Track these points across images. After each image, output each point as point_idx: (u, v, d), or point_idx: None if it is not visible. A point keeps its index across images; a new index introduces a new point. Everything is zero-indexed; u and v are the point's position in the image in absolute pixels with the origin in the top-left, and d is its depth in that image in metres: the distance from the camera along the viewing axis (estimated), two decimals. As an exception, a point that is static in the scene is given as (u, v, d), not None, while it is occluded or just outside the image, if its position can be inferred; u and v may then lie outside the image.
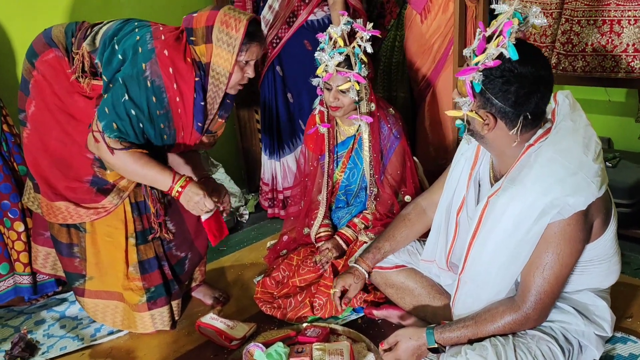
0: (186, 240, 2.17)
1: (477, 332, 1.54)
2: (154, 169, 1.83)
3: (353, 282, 1.97)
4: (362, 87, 2.19)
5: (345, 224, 2.39)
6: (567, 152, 1.43)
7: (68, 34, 1.94)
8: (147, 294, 2.05)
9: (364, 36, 2.10)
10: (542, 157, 1.44)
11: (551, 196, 1.40)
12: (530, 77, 1.41)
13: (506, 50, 1.39)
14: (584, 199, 1.40)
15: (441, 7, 2.88)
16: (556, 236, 1.44)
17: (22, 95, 1.98)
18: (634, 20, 2.12)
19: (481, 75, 1.42)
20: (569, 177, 1.40)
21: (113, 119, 1.77)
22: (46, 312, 2.26)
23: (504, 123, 1.48)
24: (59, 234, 2.05)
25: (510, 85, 1.41)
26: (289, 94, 2.96)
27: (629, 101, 2.96)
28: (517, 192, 1.46)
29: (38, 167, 2.00)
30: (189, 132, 1.89)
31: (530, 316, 1.49)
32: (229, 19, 1.77)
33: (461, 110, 1.50)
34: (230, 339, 1.96)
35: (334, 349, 1.74)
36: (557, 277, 1.47)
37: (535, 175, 1.43)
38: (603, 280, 1.62)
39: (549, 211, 1.42)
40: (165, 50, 1.77)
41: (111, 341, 2.09)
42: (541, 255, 1.47)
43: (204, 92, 1.85)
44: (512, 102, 1.43)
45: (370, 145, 2.32)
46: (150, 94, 1.77)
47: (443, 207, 1.81)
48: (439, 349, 1.59)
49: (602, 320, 1.58)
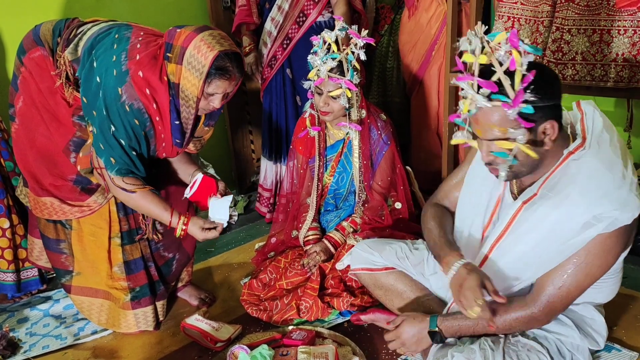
0: (174, 241, 2.16)
1: (478, 323, 1.52)
2: (156, 208, 1.87)
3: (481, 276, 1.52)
4: (354, 94, 2.19)
5: (334, 227, 2.38)
6: (612, 164, 1.40)
7: (55, 32, 1.93)
8: (131, 293, 2.04)
9: (358, 43, 2.09)
10: (586, 168, 1.40)
11: (598, 210, 1.37)
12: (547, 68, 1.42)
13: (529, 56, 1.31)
14: (630, 214, 1.38)
15: (426, 5, 2.92)
16: (595, 247, 1.41)
17: (12, 91, 1.98)
18: (624, 30, 2.14)
19: (529, 94, 1.31)
20: (615, 191, 1.37)
21: (110, 154, 1.78)
22: (29, 310, 2.24)
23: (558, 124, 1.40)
24: (45, 229, 2.05)
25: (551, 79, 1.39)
26: (298, 96, 2.94)
27: (617, 111, 2.98)
28: (559, 201, 1.42)
29: (26, 163, 2.00)
30: (169, 146, 1.89)
31: (536, 316, 1.47)
32: (202, 45, 1.68)
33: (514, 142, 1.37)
34: (215, 341, 1.95)
35: (319, 352, 1.74)
36: (578, 285, 1.45)
37: (581, 187, 1.39)
38: (606, 296, 1.62)
39: (595, 224, 1.39)
40: (139, 71, 1.72)
41: (95, 341, 2.07)
42: (569, 261, 1.44)
43: (177, 112, 1.81)
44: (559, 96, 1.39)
45: (360, 152, 2.32)
46: (131, 117, 1.75)
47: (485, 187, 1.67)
48: (438, 336, 1.58)
49: (597, 335, 1.58)
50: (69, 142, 1.91)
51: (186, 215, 1.89)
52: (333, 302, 2.09)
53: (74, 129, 1.91)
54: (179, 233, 1.89)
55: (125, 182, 1.81)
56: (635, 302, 2.09)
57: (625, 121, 2.65)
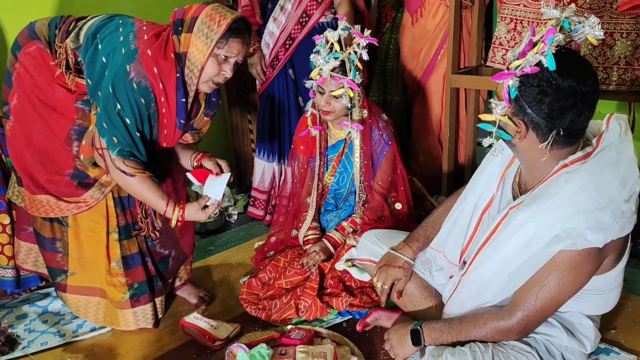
0: (171, 238, 2.16)
1: (460, 332, 1.54)
2: (153, 195, 1.86)
3: (403, 276, 1.86)
4: (356, 94, 2.18)
5: (334, 227, 2.38)
6: (602, 184, 1.36)
7: (51, 26, 1.93)
8: (130, 290, 2.03)
9: (361, 43, 2.09)
10: (573, 183, 1.38)
11: (569, 225, 1.36)
12: (568, 90, 1.34)
13: (544, 58, 1.32)
14: (602, 237, 1.36)
15: (431, 12, 2.90)
16: (564, 263, 1.41)
17: (6, 88, 1.97)
18: (627, 34, 2.14)
19: (517, 80, 1.37)
20: (595, 211, 1.34)
21: (113, 133, 1.77)
22: (28, 306, 2.24)
23: (535, 134, 1.41)
24: (41, 228, 2.04)
25: (545, 96, 1.35)
26: (300, 97, 2.92)
27: (619, 113, 2.99)
28: (538, 211, 1.42)
29: (21, 160, 1.98)
30: (172, 130, 1.88)
31: (513, 329, 1.48)
32: (215, 13, 1.76)
33: (493, 115, 1.43)
34: (213, 339, 1.95)
35: (317, 352, 1.74)
36: (552, 301, 1.45)
37: (561, 200, 1.38)
38: (598, 310, 1.61)
39: (563, 238, 1.38)
40: (148, 50, 1.74)
41: (93, 338, 2.07)
42: (543, 276, 1.44)
43: (184, 88, 1.82)
44: (545, 114, 1.36)
45: (361, 152, 2.32)
46: (137, 96, 1.75)
47: (470, 203, 1.73)
48: (419, 337, 1.60)
49: (585, 339, 1.57)
50: (70, 131, 1.90)
51: (181, 205, 1.87)
52: (332, 301, 2.09)
53: (74, 117, 1.89)
54: (174, 223, 1.87)
55: (126, 164, 1.80)
56: (634, 305, 2.10)
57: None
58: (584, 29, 1.36)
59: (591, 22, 1.35)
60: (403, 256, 1.88)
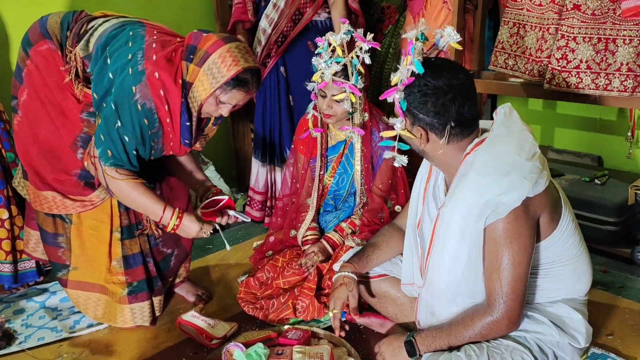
0: (173, 236, 2.16)
1: (451, 334, 1.55)
2: (148, 200, 1.86)
3: (348, 291, 1.86)
4: (357, 98, 2.18)
5: (333, 228, 2.38)
6: (500, 154, 1.47)
7: (64, 25, 1.91)
8: (128, 287, 2.04)
9: (363, 47, 2.07)
10: (476, 163, 1.50)
11: (486, 197, 1.45)
12: (444, 87, 1.49)
13: (414, 67, 1.48)
14: (517, 195, 1.43)
15: (433, 14, 2.91)
16: (501, 236, 1.47)
17: (16, 82, 1.96)
18: (629, 40, 2.14)
19: (402, 93, 1.52)
20: (502, 178, 1.44)
21: (108, 147, 1.77)
22: (26, 301, 2.24)
23: (434, 135, 1.55)
24: (44, 223, 2.04)
25: (427, 97, 1.50)
26: (291, 96, 2.91)
27: (620, 120, 2.99)
28: (456, 199, 1.52)
29: (27, 156, 1.98)
30: (177, 146, 1.89)
31: (500, 320, 1.49)
32: (228, 56, 1.72)
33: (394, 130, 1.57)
34: (210, 338, 1.95)
35: (314, 353, 1.74)
36: (515, 276, 1.48)
37: (471, 181, 1.48)
38: (575, 284, 1.63)
39: (485, 212, 1.46)
40: (155, 72, 1.73)
41: (90, 334, 2.07)
42: (494, 258, 1.49)
43: (188, 113, 1.82)
44: (433, 113, 1.51)
45: (362, 155, 2.32)
46: (141, 117, 1.75)
47: (410, 226, 1.82)
48: (413, 348, 1.60)
49: (576, 333, 1.59)
50: (77, 138, 1.91)
51: (179, 214, 1.88)
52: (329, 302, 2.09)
53: (81, 125, 1.90)
54: (170, 228, 1.88)
55: (118, 172, 1.81)
56: (632, 312, 2.10)
57: (627, 131, 2.66)
58: (444, 38, 1.56)
59: (448, 32, 1.56)
60: (342, 273, 1.90)
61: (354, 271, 1.90)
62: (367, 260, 1.93)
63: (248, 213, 3.05)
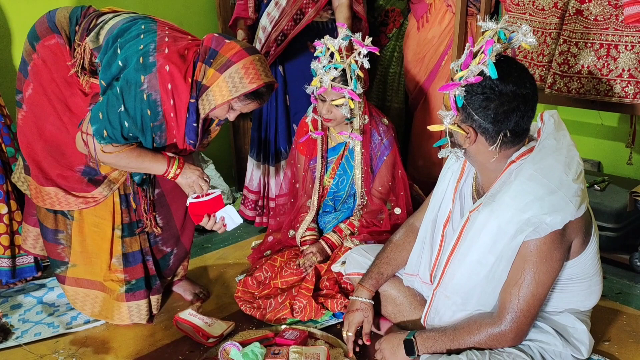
0: (173, 235, 2.17)
1: (454, 340, 1.55)
2: (147, 158, 1.84)
3: (364, 317, 1.86)
4: (356, 104, 2.18)
5: (332, 229, 2.38)
6: (548, 170, 1.43)
7: (72, 20, 1.90)
8: (126, 285, 2.04)
9: (362, 51, 2.07)
10: (522, 175, 1.45)
11: (529, 214, 1.41)
12: (510, 95, 1.42)
13: (486, 68, 1.41)
14: (560, 218, 1.40)
15: (437, 18, 2.91)
16: (532, 254, 1.45)
17: (21, 76, 1.94)
18: (631, 46, 2.14)
19: (463, 90, 1.45)
20: (548, 196, 1.40)
21: (104, 126, 1.75)
22: (23, 296, 2.24)
23: (484, 138, 1.49)
24: (45, 219, 2.04)
25: (490, 102, 1.43)
26: (287, 96, 2.91)
27: (620, 126, 2.98)
28: (495, 208, 1.47)
29: (31, 151, 1.96)
30: (180, 143, 1.88)
31: (506, 334, 1.49)
32: (252, 69, 1.74)
33: (443, 124, 1.51)
34: (207, 336, 1.95)
35: (310, 353, 1.74)
36: (534, 295, 1.47)
37: (514, 192, 1.44)
38: (584, 300, 1.63)
39: (525, 228, 1.42)
40: (166, 65, 1.72)
41: (87, 330, 2.07)
42: (518, 273, 1.47)
43: (196, 114, 1.82)
44: (491, 119, 1.44)
45: (362, 158, 2.32)
46: (145, 107, 1.74)
47: (429, 220, 1.80)
48: (412, 347, 1.60)
49: (579, 344, 1.58)
50: None
51: (179, 162, 1.87)
52: (327, 303, 2.09)
53: None
54: (171, 175, 1.87)
55: (114, 146, 1.80)
56: (629, 318, 2.09)
57: (627, 137, 2.65)
58: (518, 36, 1.46)
59: (524, 30, 1.45)
60: (359, 298, 1.88)
61: (369, 296, 1.89)
62: (381, 278, 1.90)
63: (241, 212, 3.02)
